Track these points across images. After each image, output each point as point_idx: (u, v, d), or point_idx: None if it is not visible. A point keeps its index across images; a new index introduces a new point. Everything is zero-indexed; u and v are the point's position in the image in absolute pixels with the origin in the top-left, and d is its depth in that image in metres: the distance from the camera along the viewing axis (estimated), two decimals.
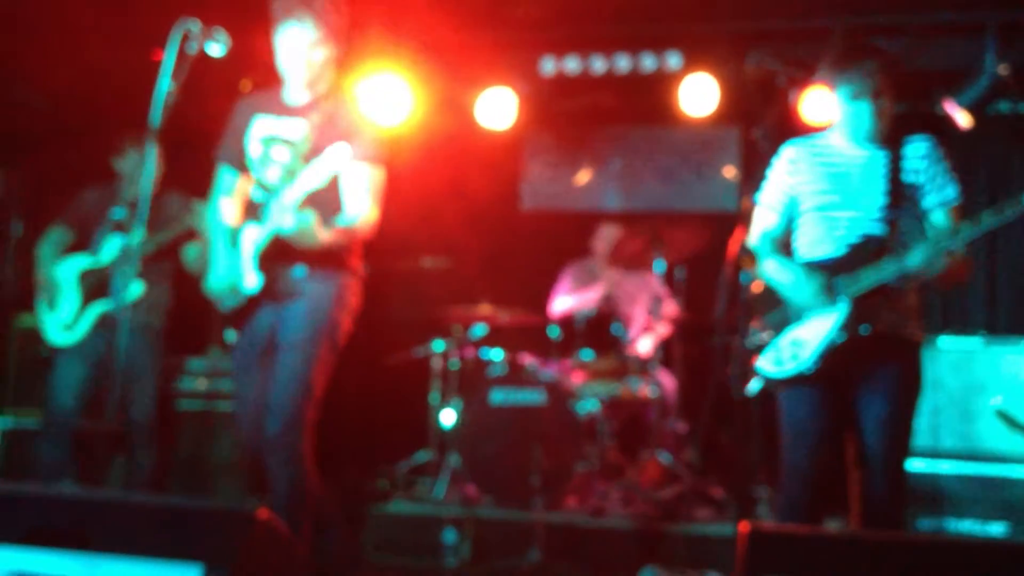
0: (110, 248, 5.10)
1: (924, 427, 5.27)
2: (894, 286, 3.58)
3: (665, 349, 6.27)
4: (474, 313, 6.17)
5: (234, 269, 3.78)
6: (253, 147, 3.84)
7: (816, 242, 3.74)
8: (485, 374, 5.99)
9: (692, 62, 6.16)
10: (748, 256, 3.44)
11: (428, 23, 6.03)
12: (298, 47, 3.73)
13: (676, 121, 6.51)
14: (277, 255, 3.70)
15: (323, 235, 3.62)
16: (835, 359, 3.60)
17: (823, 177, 3.76)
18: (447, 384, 6.22)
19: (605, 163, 7.46)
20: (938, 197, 3.70)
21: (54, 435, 4.98)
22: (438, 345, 6.29)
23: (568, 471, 5.62)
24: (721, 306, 4.03)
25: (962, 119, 5.63)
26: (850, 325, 3.58)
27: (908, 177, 3.69)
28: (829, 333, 3.60)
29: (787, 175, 3.82)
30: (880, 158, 3.73)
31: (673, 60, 6.17)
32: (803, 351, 3.64)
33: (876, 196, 3.68)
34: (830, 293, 3.61)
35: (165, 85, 3.33)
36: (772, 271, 3.79)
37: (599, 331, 6.10)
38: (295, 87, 3.85)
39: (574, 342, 6.08)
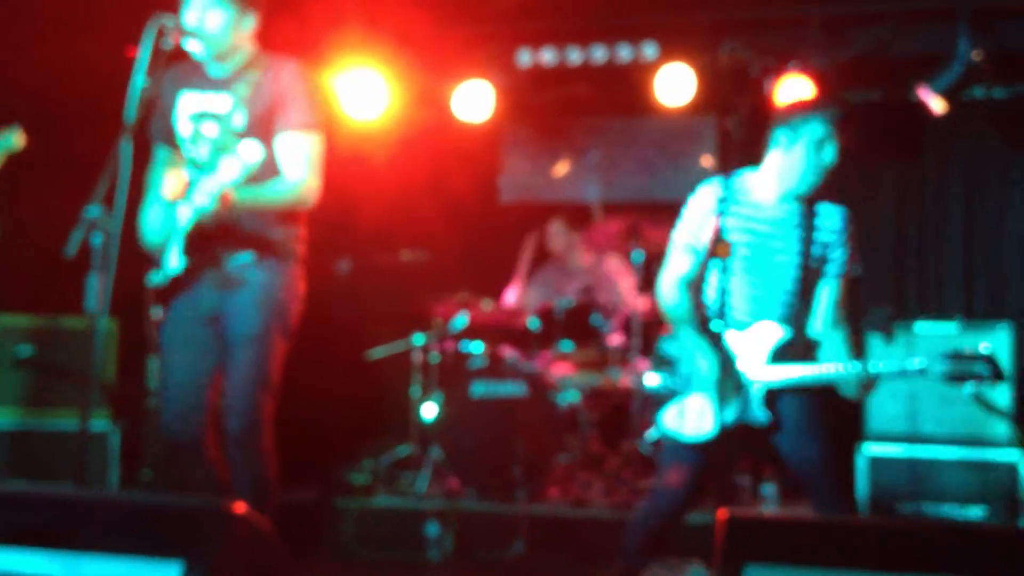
0: None
1: (902, 412, 5.30)
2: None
3: (644, 338, 6.28)
4: (454, 306, 6.17)
5: (169, 227, 3.64)
6: (182, 125, 3.73)
7: (724, 302, 3.53)
8: (465, 367, 5.99)
9: (668, 52, 6.15)
10: (723, 245, 3.39)
11: (404, 16, 6.02)
12: (202, 16, 3.58)
13: (653, 111, 6.52)
14: (220, 238, 3.61)
15: (258, 207, 3.51)
16: (732, 429, 3.49)
17: (745, 232, 3.53)
18: (428, 377, 6.21)
19: (583, 154, 7.45)
20: (839, 268, 3.54)
21: None
22: (418, 339, 6.28)
23: (550, 462, 5.64)
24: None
25: (936, 105, 5.65)
26: (748, 413, 3.49)
27: (817, 249, 3.52)
28: (726, 414, 3.47)
29: (712, 216, 3.51)
30: (798, 220, 3.52)
31: (649, 50, 6.16)
32: (703, 422, 3.50)
33: (790, 266, 3.51)
34: (736, 390, 3.48)
35: (140, 81, 3.29)
36: (683, 336, 3.59)
37: (579, 322, 6.10)
38: (211, 60, 3.71)
39: (554, 333, 6.09)
